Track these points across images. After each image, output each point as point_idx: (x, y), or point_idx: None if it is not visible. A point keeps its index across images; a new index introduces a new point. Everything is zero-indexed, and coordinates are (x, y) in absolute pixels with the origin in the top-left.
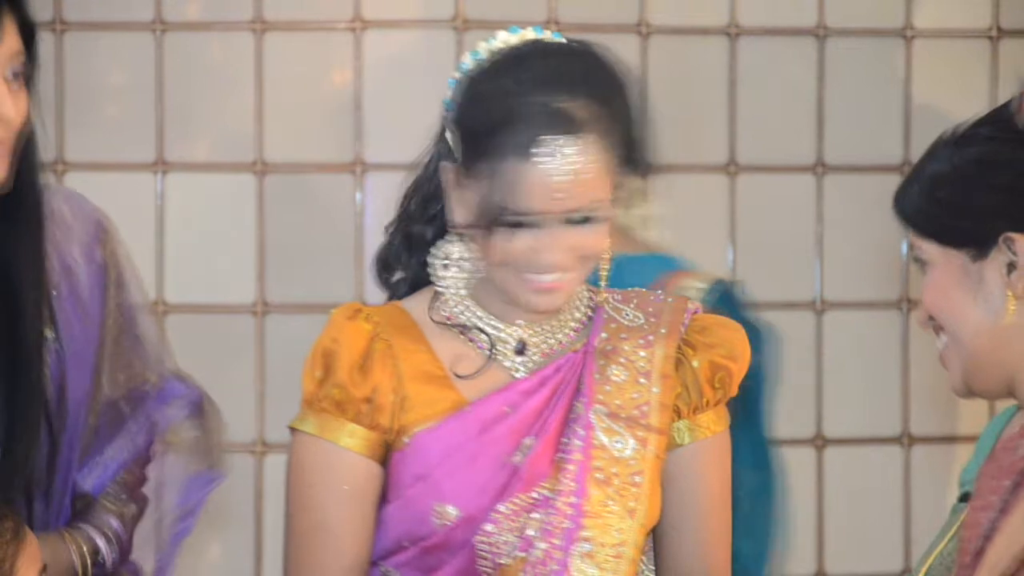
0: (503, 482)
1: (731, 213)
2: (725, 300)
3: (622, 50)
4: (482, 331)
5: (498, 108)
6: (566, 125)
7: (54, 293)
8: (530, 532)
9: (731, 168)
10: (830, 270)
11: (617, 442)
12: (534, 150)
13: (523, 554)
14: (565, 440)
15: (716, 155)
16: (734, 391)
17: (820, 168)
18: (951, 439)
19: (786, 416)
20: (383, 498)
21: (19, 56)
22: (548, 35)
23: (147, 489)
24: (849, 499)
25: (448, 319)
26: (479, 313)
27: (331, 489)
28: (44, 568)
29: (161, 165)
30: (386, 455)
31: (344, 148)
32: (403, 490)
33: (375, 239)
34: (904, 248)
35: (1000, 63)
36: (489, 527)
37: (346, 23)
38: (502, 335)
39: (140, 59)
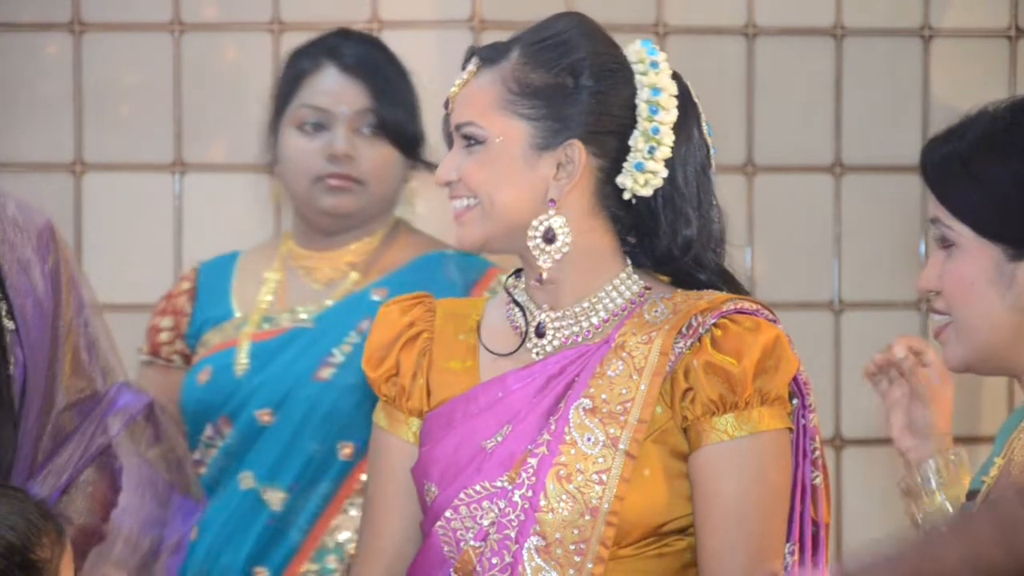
0: (474, 467)
1: (749, 213)
2: None
3: None
4: (519, 314)
5: None
6: (483, 51)
7: (11, 286)
8: (485, 522)
9: (748, 168)
10: (848, 270)
11: (588, 438)
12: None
13: (478, 543)
14: (540, 433)
15: (733, 155)
16: (749, 393)
17: (838, 168)
18: (972, 440)
19: None
20: None
21: None
22: (646, 48)
23: (132, 525)
24: (868, 500)
25: (506, 304)
26: (518, 297)
27: (375, 470)
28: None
29: (179, 165)
30: None
31: None
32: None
33: None
34: (923, 248)
35: (1019, 62)
36: (448, 512)
37: (364, 24)
38: (528, 317)
39: (158, 60)
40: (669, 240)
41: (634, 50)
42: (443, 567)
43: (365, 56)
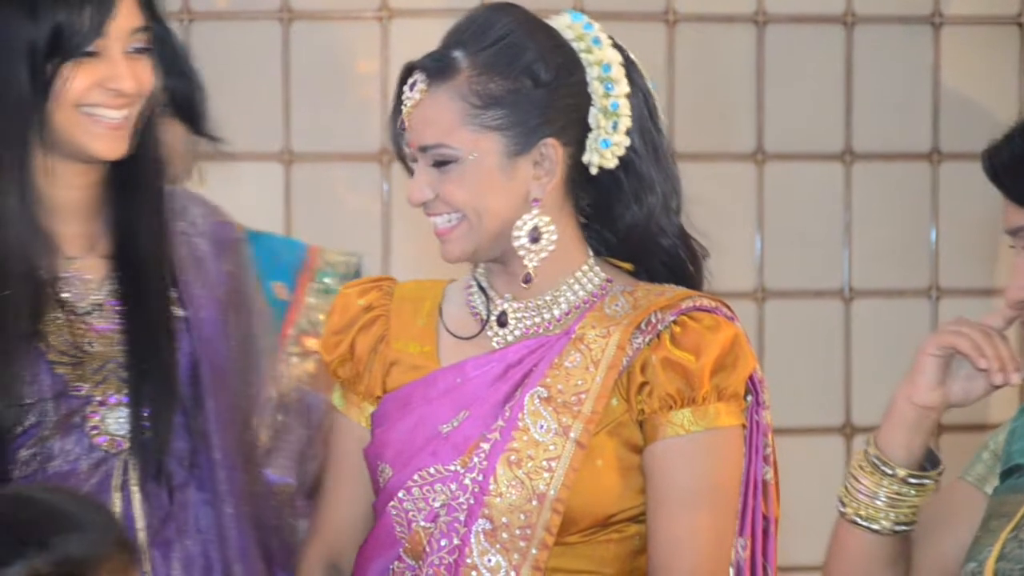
0: (429, 451)
1: (759, 201)
2: (357, 275)
3: (649, 39)
4: (480, 301)
5: None
6: (428, 66)
7: (184, 278)
8: (436, 504)
9: (759, 156)
10: (859, 258)
11: (541, 426)
12: (405, 82)
13: (428, 525)
14: (494, 420)
15: (744, 143)
16: (706, 390)
17: (848, 156)
18: (980, 427)
19: (815, 404)
20: None
21: (140, 32)
22: (579, 23)
23: None
24: None
25: (467, 288)
26: (482, 284)
27: (331, 451)
28: None
29: None
30: None
31: (371, 137)
32: (366, 448)
33: (402, 227)
34: (933, 236)
35: None
36: (401, 493)
37: (373, 12)
38: (491, 306)
39: None
40: (633, 204)
41: (566, 26)
42: (394, 547)
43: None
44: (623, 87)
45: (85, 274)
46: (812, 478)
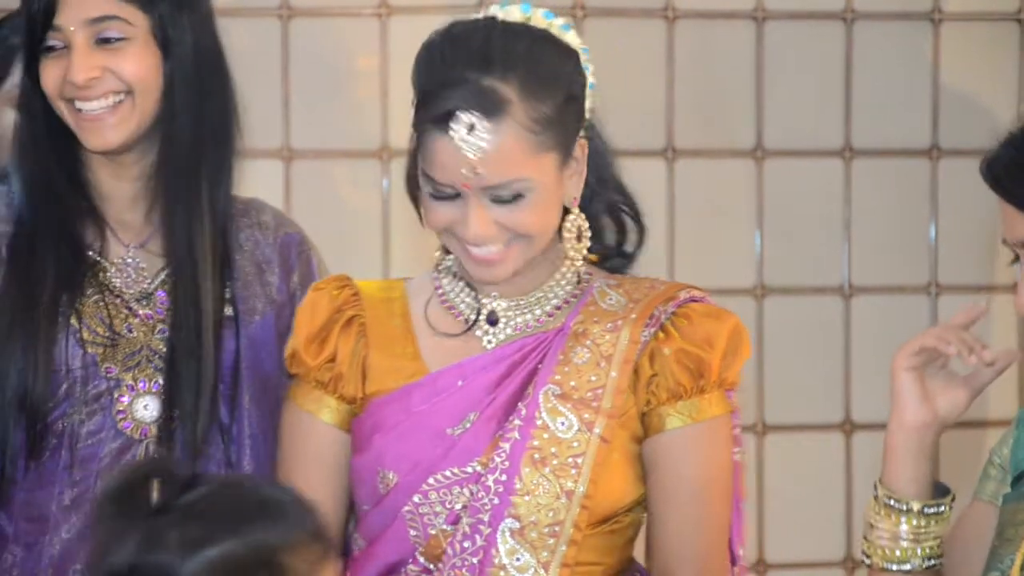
0: (439, 454)
1: (758, 198)
2: None
3: (649, 35)
4: (461, 300)
5: (428, 79)
6: (481, 105)
7: (239, 280)
8: (457, 506)
9: (758, 153)
10: (858, 255)
11: (561, 423)
12: (450, 124)
13: (449, 527)
14: (509, 419)
15: (743, 140)
16: (715, 379)
17: (848, 152)
18: (980, 424)
19: (815, 401)
20: None
21: (107, 21)
22: (538, 13)
23: None
24: None
25: (437, 288)
26: (461, 283)
27: (296, 453)
28: None
29: None
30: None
31: (371, 134)
32: (356, 455)
33: (401, 224)
34: (932, 233)
35: None
36: (416, 498)
37: (372, 9)
38: (477, 305)
39: None
40: (591, 177)
41: (526, 19)
42: (406, 551)
43: None
44: (590, 67)
45: (141, 263)
46: (811, 475)
